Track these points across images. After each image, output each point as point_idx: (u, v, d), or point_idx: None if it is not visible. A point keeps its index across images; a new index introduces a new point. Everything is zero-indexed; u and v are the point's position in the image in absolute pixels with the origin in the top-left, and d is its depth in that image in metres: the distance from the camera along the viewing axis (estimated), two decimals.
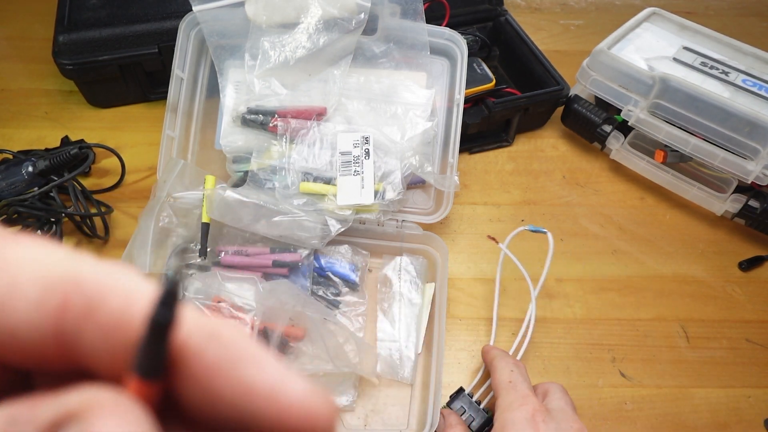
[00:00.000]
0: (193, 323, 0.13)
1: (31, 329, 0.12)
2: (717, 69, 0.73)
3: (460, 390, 0.55)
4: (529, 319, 0.58)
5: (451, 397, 0.55)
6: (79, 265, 0.13)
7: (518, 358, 0.56)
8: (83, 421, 0.11)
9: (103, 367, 0.13)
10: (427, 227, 0.64)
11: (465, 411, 0.53)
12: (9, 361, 0.13)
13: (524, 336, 0.57)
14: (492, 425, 0.51)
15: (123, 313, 0.12)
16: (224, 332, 0.13)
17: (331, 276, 0.61)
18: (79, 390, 0.12)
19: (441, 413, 0.52)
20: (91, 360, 0.13)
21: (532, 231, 0.58)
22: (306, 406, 0.13)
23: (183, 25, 0.63)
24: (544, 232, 0.58)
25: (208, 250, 0.59)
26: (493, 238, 0.64)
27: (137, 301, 0.13)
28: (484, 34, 0.83)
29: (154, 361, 0.12)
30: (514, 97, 0.74)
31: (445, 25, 0.77)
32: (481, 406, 0.53)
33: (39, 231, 0.63)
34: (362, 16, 0.62)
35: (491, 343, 0.59)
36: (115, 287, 0.13)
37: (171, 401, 0.13)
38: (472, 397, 0.54)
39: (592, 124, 0.74)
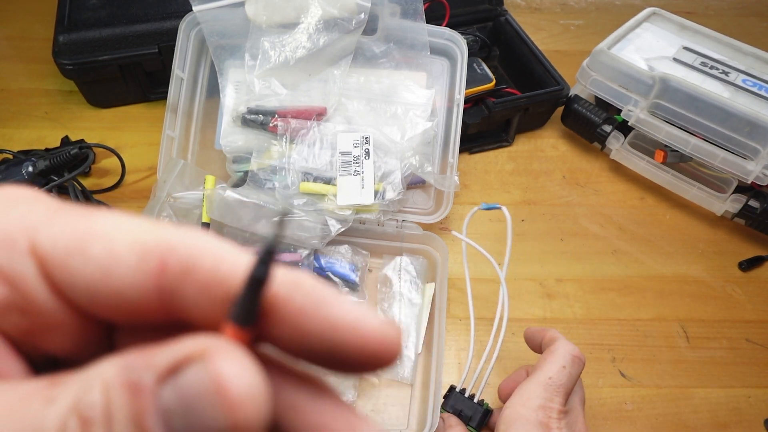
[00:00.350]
0: (278, 275, 0.15)
1: (135, 290, 0.14)
2: (717, 69, 0.73)
3: (452, 388, 0.53)
4: (503, 304, 0.55)
5: (444, 397, 0.53)
6: (167, 232, 0.15)
7: (496, 349, 0.52)
8: (204, 362, 0.12)
9: (199, 318, 0.15)
10: (427, 227, 0.64)
11: (461, 410, 0.51)
12: (116, 318, 0.15)
13: (499, 327, 0.54)
14: (491, 413, 0.50)
15: (215, 270, 0.14)
16: (305, 281, 0.15)
17: (331, 276, 0.61)
18: (190, 338, 0.13)
19: (441, 417, 0.51)
20: (191, 312, 0.15)
21: (486, 209, 0.56)
22: (382, 333, 0.15)
23: (183, 25, 0.63)
24: (498, 208, 0.55)
25: None
26: (447, 228, 0.63)
27: (225, 260, 0.15)
28: (484, 34, 0.83)
29: (251, 310, 0.14)
30: (514, 97, 0.74)
31: (445, 25, 0.77)
32: (476, 399, 0.51)
33: None
34: (362, 16, 0.62)
35: (471, 340, 0.56)
36: (205, 249, 0.15)
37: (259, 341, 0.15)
38: (464, 393, 0.52)
39: (592, 124, 0.74)
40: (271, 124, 0.62)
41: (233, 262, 0.15)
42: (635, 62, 0.73)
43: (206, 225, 0.60)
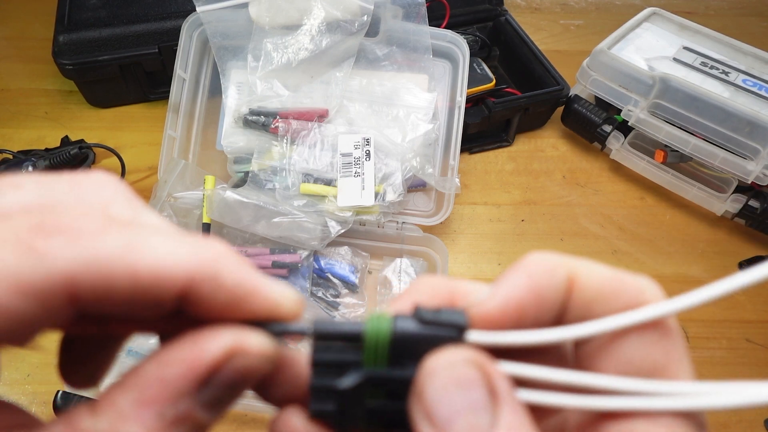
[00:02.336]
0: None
1: (163, 298, 0.16)
2: (717, 69, 0.73)
3: None
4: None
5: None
6: (204, 252, 0.16)
7: None
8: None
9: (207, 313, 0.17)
10: (427, 228, 0.64)
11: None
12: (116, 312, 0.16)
13: None
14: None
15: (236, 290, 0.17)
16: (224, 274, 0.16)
17: (331, 277, 0.61)
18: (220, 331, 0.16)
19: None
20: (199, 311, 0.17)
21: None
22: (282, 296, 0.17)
23: (186, 26, 0.63)
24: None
25: None
26: None
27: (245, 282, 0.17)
28: (484, 34, 0.83)
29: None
30: (514, 97, 0.74)
31: (446, 25, 0.77)
32: None
33: None
34: (365, 18, 0.62)
35: None
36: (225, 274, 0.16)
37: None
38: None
39: (592, 124, 0.74)
40: (272, 126, 0.62)
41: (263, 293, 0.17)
42: (635, 62, 0.73)
43: (206, 225, 0.60)
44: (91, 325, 0.18)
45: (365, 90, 0.65)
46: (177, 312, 0.16)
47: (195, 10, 0.63)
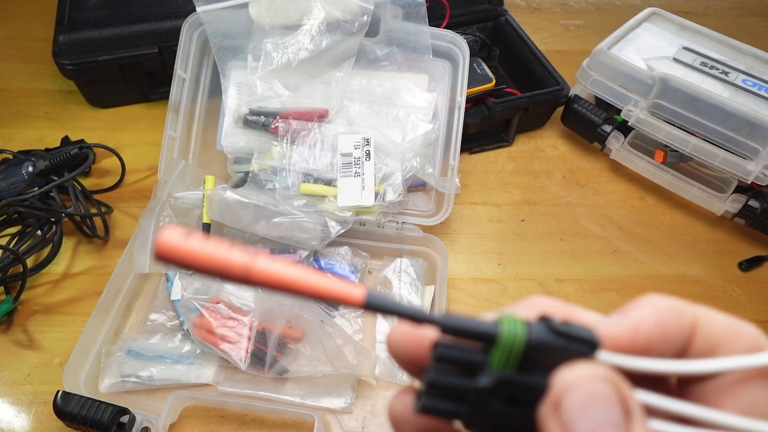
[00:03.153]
0: None
1: None
2: (717, 69, 0.73)
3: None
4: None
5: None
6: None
7: None
8: None
9: None
10: (427, 228, 0.64)
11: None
12: None
13: None
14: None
15: None
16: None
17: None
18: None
19: None
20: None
21: None
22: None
23: (186, 26, 0.63)
24: None
25: None
26: None
27: None
28: (484, 34, 0.83)
29: None
30: (514, 97, 0.74)
31: (446, 25, 0.77)
32: None
33: (39, 231, 0.63)
34: (365, 18, 0.62)
35: None
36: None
37: None
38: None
39: (592, 124, 0.74)
40: (272, 126, 0.62)
41: None
42: (635, 62, 0.73)
43: (206, 225, 0.60)
44: None
45: (365, 90, 0.65)
46: None
47: (195, 10, 0.63)
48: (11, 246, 0.61)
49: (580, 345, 0.17)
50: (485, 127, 0.74)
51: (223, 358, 0.54)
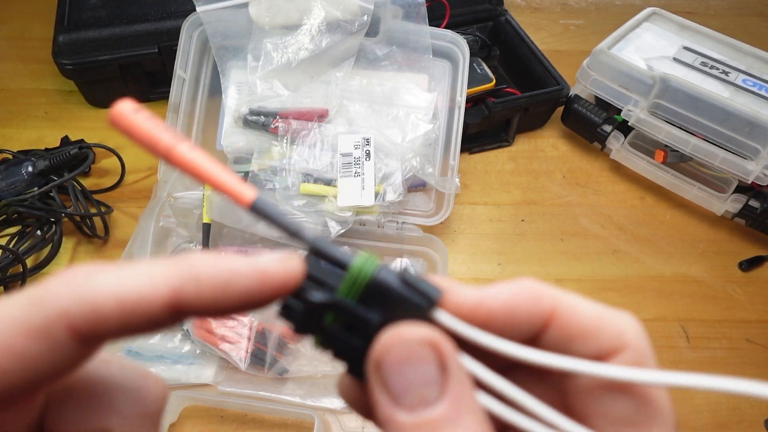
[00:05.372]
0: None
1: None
2: (717, 69, 0.73)
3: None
4: None
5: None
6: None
7: None
8: None
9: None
10: (427, 228, 0.64)
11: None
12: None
13: None
14: None
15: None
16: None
17: None
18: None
19: None
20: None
21: None
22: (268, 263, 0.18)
23: (186, 26, 0.63)
24: None
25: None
26: None
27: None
28: (484, 34, 0.83)
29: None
30: (514, 97, 0.74)
31: (446, 25, 0.77)
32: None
33: (39, 231, 0.63)
34: (365, 18, 0.62)
35: None
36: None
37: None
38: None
39: (592, 124, 0.74)
40: (272, 126, 0.62)
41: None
42: (635, 62, 0.73)
43: (207, 225, 0.60)
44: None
45: (365, 90, 0.65)
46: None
47: (195, 10, 0.63)
48: (11, 246, 0.61)
49: (421, 298, 0.18)
50: (485, 127, 0.74)
51: (222, 358, 0.54)
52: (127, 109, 0.19)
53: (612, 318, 0.19)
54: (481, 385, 0.18)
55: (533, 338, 0.19)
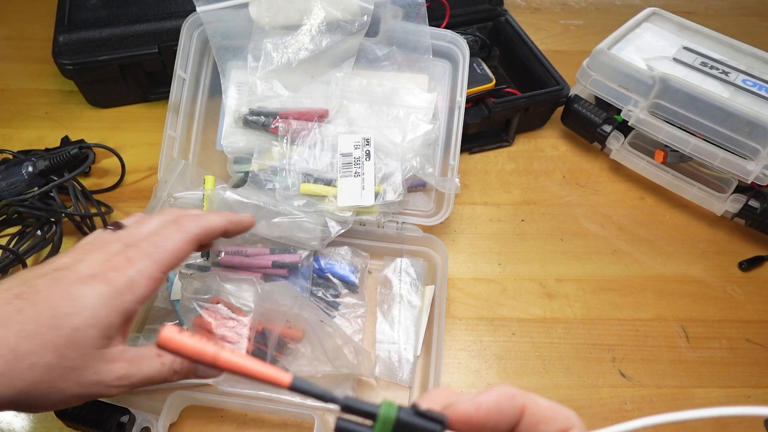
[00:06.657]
0: None
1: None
2: (717, 69, 0.73)
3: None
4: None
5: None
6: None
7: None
8: None
9: None
10: (427, 228, 0.64)
11: None
12: None
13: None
14: None
15: None
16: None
17: (331, 277, 0.61)
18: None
19: None
20: None
21: None
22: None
23: (186, 26, 0.63)
24: None
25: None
26: None
27: None
28: (484, 34, 0.83)
29: None
30: (514, 97, 0.74)
31: (446, 25, 0.77)
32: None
33: (39, 231, 0.63)
34: (365, 18, 0.62)
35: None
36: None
37: None
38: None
39: (592, 124, 0.74)
40: (272, 126, 0.62)
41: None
42: (635, 62, 0.73)
43: None
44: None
45: (365, 90, 0.65)
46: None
47: (195, 10, 0.63)
48: (11, 246, 0.61)
49: (434, 423, 0.25)
50: (485, 127, 0.74)
51: None
52: (171, 332, 0.24)
53: (562, 408, 0.26)
54: None
55: (513, 429, 0.26)
